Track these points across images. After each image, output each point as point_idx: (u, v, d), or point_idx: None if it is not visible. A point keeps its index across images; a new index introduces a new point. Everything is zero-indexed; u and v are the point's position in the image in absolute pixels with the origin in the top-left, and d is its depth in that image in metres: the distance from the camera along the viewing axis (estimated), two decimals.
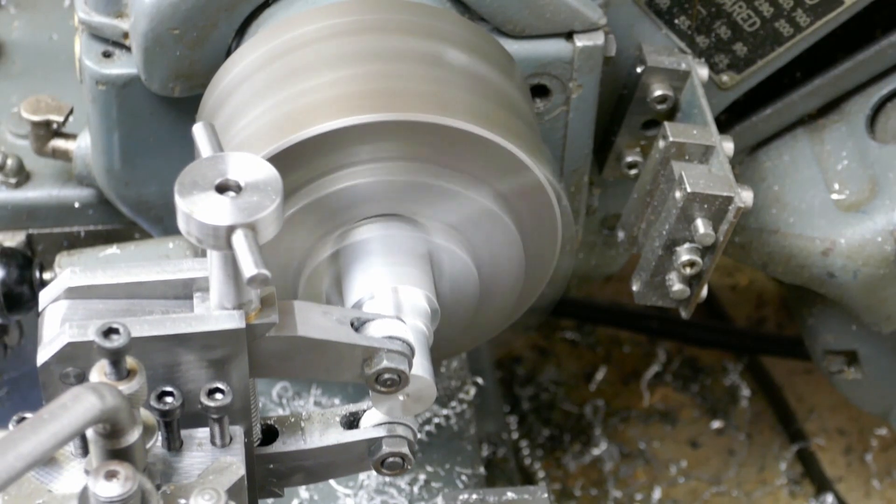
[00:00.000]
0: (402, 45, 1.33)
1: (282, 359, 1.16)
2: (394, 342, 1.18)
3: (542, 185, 1.32)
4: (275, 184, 1.07)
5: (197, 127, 1.14)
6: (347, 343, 1.16)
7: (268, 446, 1.23)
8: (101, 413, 0.98)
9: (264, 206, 1.05)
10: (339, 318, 1.17)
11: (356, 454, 1.24)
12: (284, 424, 1.24)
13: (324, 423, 1.24)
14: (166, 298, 1.15)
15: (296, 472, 1.25)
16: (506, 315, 1.44)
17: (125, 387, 1.03)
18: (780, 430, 2.23)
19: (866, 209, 1.58)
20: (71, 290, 1.14)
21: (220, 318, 1.11)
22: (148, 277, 1.14)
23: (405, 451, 1.23)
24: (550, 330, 2.33)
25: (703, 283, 1.46)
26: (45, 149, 1.60)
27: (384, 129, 1.26)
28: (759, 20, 1.55)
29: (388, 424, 1.23)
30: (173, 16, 1.39)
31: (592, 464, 2.17)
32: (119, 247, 1.57)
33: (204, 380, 1.12)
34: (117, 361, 1.03)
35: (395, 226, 1.31)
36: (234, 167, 1.07)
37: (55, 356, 1.09)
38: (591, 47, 1.44)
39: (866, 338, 1.75)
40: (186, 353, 1.11)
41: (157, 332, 1.10)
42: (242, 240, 1.04)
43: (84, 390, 0.98)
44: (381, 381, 1.17)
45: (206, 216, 1.05)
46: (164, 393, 1.10)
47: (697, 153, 1.45)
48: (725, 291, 2.40)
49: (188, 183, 1.06)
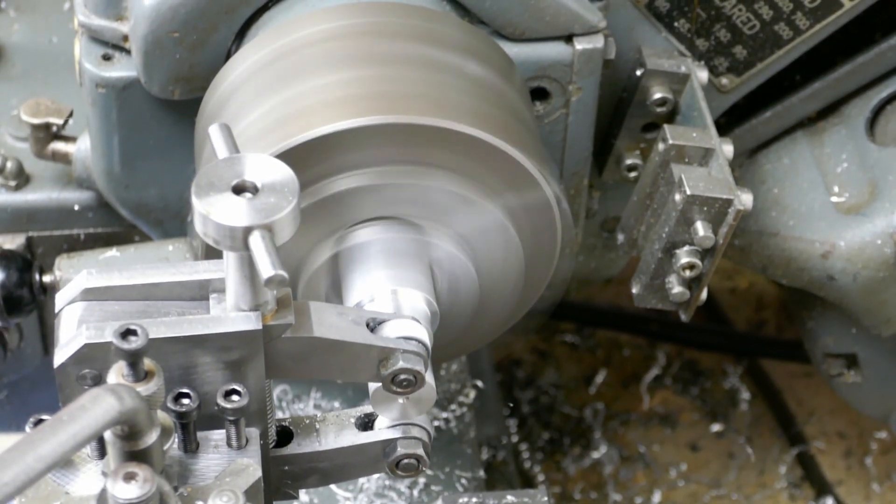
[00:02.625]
0: (401, 49, 1.34)
1: (298, 360, 1.16)
2: (409, 342, 1.18)
3: (542, 188, 1.32)
4: (291, 185, 1.07)
5: (213, 128, 1.15)
6: (363, 343, 1.16)
7: (283, 448, 1.23)
8: (120, 415, 0.98)
9: (281, 207, 1.06)
10: (355, 319, 1.17)
11: (371, 456, 1.24)
12: (299, 426, 1.24)
13: (339, 424, 1.24)
14: (182, 300, 1.15)
15: (311, 474, 1.25)
16: (505, 318, 1.44)
17: (143, 388, 1.03)
18: (779, 434, 2.23)
19: (866, 212, 1.58)
20: (87, 292, 1.14)
21: (237, 320, 1.11)
22: (164, 279, 1.15)
23: (420, 452, 1.23)
24: (550, 333, 2.33)
25: (703, 285, 1.46)
26: (45, 151, 1.60)
27: (384, 131, 1.26)
28: (758, 23, 1.55)
29: (403, 426, 1.23)
30: (173, 19, 1.39)
31: (592, 467, 2.17)
32: (119, 249, 1.57)
33: (220, 381, 1.13)
34: (135, 363, 1.03)
35: (394, 228, 1.31)
36: (250, 168, 1.08)
37: (72, 357, 1.09)
38: (591, 50, 1.44)
39: (866, 341, 1.75)
40: (203, 354, 1.11)
41: (175, 333, 1.10)
42: (259, 241, 1.04)
43: (103, 392, 0.98)
44: (396, 382, 1.17)
45: (223, 217, 1.05)
46: (181, 394, 1.10)
47: (697, 156, 1.45)
48: (725, 294, 2.40)
49: (205, 184, 1.07)
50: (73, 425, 0.96)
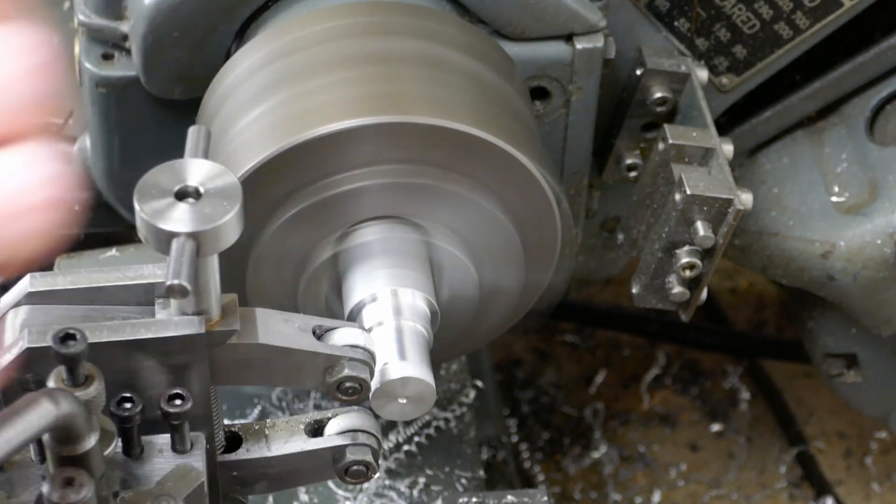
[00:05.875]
0: (401, 48, 1.34)
1: (243, 366, 1.15)
2: (356, 350, 1.17)
3: (542, 188, 1.32)
4: (234, 194, 1.06)
5: (192, 129, 1.14)
6: (309, 351, 1.16)
7: (231, 453, 1.22)
8: (56, 419, 0.97)
9: (213, 217, 1.04)
10: (301, 326, 1.17)
11: (321, 462, 1.23)
12: (248, 432, 1.23)
13: (288, 430, 1.23)
14: (128, 304, 1.13)
15: (259, 480, 1.24)
16: (505, 318, 1.43)
17: (82, 393, 1.02)
18: (779, 434, 2.23)
19: (866, 212, 1.58)
20: (31, 295, 1.13)
21: (180, 324, 1.10)
22: (109, 282, 1.13)
23: (369, 458, 1.22)
24: (550, 333, 2.33)
25: (703, 285, 1.46)
26: None
27: (384, 131, 1.26)
28: (758, 22, 1.55)
29: (352, 433, 1.23)
30: (173, 18, 1.39)
31: (592, 467, 2.17)
32: (119, 249, 1.57)
33: (164, 386, 1.11)
34: (74, 367, 1.02)
35: (394, 228, 1.31)
36: (195, 174, 1.06)
37: (14, 362, 1.08)
38: (591, 50, 1.44)
39: (866, 341, 1.75)
40: (146, 358, 1.10)
41: (116, 337, 1.09)
42: (177, 248, 1.04)
43: (39, 396, 0.97)
44: (342, 390, 1.17)
45: (155, 219, 1.04)
46: (124, 399, 1.09)
47: (697, 156, 1.45)
48: (725, 294, 2.40)
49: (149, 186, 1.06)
50: (8, 429, 0.95)
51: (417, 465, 1.67)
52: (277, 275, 1.32)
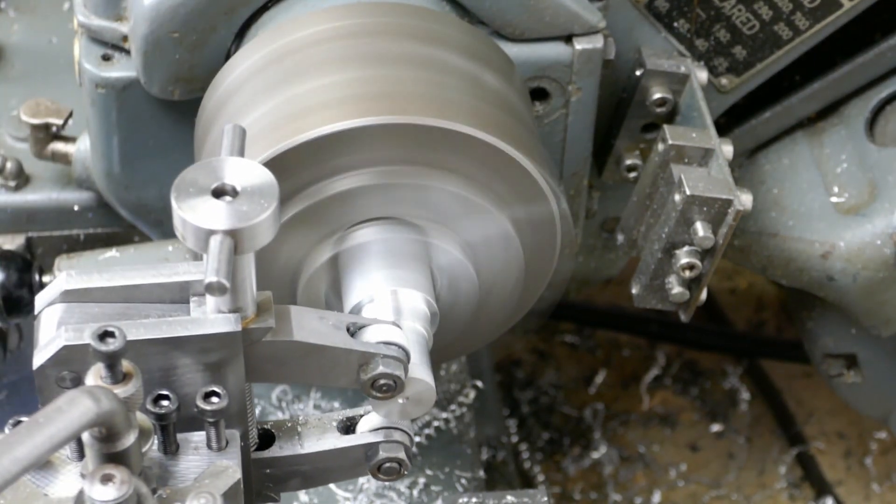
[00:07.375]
0: (401, 49, 1.34)
1: (278, 363, 1.15)
2: (389, 347, 1.18)
3: (542, 188, 1.32)
4: (270, 192, 1.07)
5: (228, 126, 1.14)
6: (343, 348, 1.16)
7: (264, 451, 1.23)
8: (97, 417, 0.98)
9: (250, 215, 1.05)
10: (336, 324, 1.17)
11: (353, 459, 1.24)
12: (281, 429, 1.24)
13: (321, 428, 1.24)
14: (163, 302, 1.14)
15: (292, 477, 1.25)
16: (505, 318, 1.44)
17: (121, 390, 1.02)
18: (779, 434, 2.23)
19: (866, 212, 1.58)
20: (67, 294, 1.13)
21: (216, 322, 1.11)
22: (144, 280, 1.14)
23: (402, 456, 1.23)
24: (550, 333, 2.33)
25: (703, 286, 1.46)
26: (45, 152, 1.60)
27: (383, 132, 1.26)
28: (758, 23, 1.55)
29: (385, 430, 1.23)
30: (173, 19, 1.39)
31: (592, 467, 2.17)
32: (118, 250, 1.57)
33: (200, 383, 1.12)
34: (113, 365, 1.02)
35: (393, 229, 1.31)
36: (231, 172, 1.07)
37: (51, 359, 1.09)
38: (591, 50, 1.44)
39: (866, 341, 1.75)
40: (182, 356, 1.11)
41: (153, 335, 1.10)
42: (216, 245, 1.04)
43: (79, 394, 0.98)
44: (376, 387, 1.17)
45: (193, 218, 1.05)
46: (161, 396, 1.10)
47: (697, 156, 1.45)
48: (725, 295, 2.40)
49: (186, 183, 1.06)
50: (50, 427, 0.96)
51: (417, 465, 1.67)
52: (277, 276, 1.32)
